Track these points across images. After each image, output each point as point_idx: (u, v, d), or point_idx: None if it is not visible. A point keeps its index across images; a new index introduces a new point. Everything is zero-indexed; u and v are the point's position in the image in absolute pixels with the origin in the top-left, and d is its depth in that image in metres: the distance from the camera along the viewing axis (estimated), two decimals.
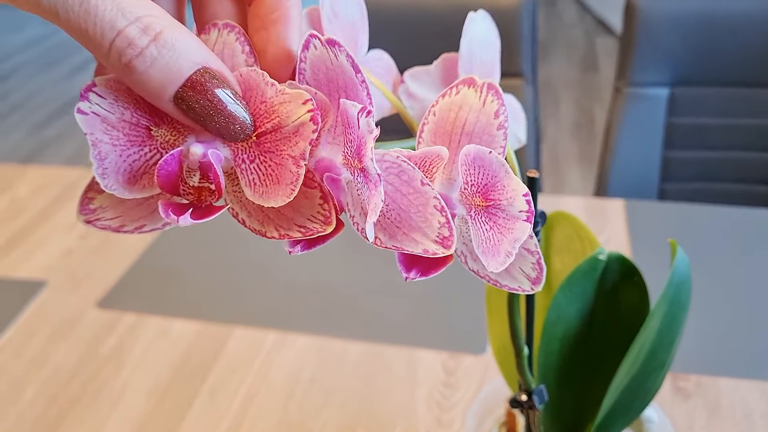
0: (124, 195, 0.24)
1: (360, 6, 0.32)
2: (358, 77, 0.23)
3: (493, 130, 0.25)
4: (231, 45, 0.24)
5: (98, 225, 0.25)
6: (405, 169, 0.24)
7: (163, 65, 0.21)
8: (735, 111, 1.04)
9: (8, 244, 0.88)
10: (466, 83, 0.25)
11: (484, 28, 0.31)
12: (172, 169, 0.23)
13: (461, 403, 0.63)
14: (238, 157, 0.24)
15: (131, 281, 0.81)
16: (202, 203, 0.24)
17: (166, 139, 0.24)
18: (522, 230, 0.24)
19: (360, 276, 0.78)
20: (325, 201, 0.24)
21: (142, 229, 0.25)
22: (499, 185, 0.24)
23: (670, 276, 0.39)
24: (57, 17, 0.21)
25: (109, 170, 0.23)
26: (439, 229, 0.23)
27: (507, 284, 0.27)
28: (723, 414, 0.60)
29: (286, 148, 0.23)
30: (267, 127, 0.23)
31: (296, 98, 0.23)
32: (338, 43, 0.23)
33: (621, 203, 0.88)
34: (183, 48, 0.22)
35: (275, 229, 0.24)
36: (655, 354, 0.41)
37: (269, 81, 0.23)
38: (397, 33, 1.06)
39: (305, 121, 0.22)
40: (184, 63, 0.22)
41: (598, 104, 2.61)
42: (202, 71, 0.22)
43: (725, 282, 0.74)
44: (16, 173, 1.03)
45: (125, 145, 0.23)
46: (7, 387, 0.68)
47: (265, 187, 0.23)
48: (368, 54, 0.33)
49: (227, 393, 0.66)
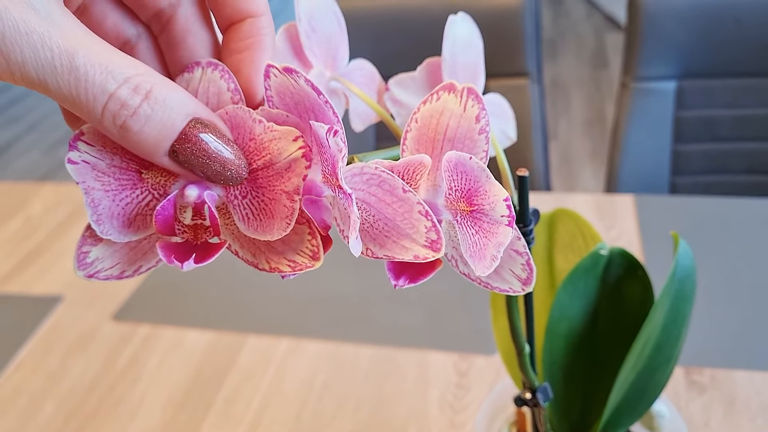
0: (120, 239, 0.24)
1: (338, 19, 0.32)
2: (321, 98, 0.23)
3: (474, 135, 0.25)
4: (216, 83, 0.24)
5: (100, 277, 0.25)
6: (385, 179, 0.24)
7: (158, 122, 0.22)
8: (743, 101, 1.03)
9: (24, 261, 0.89)
10: (446, 89, 0.26)
11: (465, 30, 0.32)
12: (169, 213, 0.23)
13: (473, 405, 0.63)
14: (230, 193, 0.24)
15: (145, 293, 0.81)
16: (198, 240, 0.24)
17: (156, 180, 0.24)
18: (504, 234, 0.24)
19: (370, 281, 0.78)
20: (313, 237, 0.24)
21: (139, 270, 0.25)
22: (481, 190, 0.25)
23: (673, 269, 0.39)
24: (48, 89, 0.21)
25: (104, 216, 0.24)
26: (427, 234, 0.24)
27: (498, 286, 0.27)
28: (739, 407, 0.60)
29: (279, 183, 0.23)
30: (258, 164, 0.23)
31: (286, 135, 0.23)
32: (294, 70, 0.23)
33: (631, 198, 0.87)
34: (173, 102, 0.22)
35: (266, 262, 0.25)
36: (661, 348, 0.40)
37: (257, 118, 0.23)
38: (389, 37, 1.07)
39: (297, 158, 0.23)
40: (177, 117, 0.22)
41: (609, 101, 2.59)
42: (193, 123, 0.22)
43: (738, 274, 0.74)
44: (30, 191, 1.05)
45: (117, 189, 0.24)
46: (27, 403, 0.69)
47: (259, 222, 0.24)
48: (350, 64, 0.33)
49: (242, 402, 0.66)
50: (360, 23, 1.07)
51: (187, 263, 0.23)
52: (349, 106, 0.33)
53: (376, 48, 1.04)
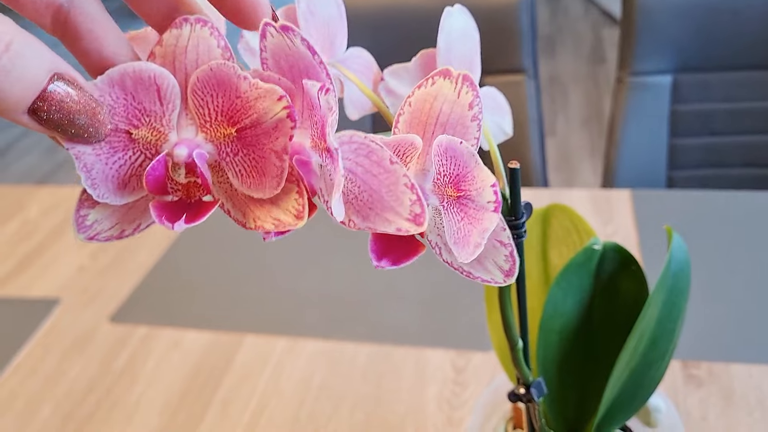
0: (116, 201, 0.24)
1: (338, 5, 0.32)
2: (316, 58, 0.23)
3: (467, 121, 0.25)
4: (206, 40, 0.24)
5: (100, 238, 0.25)
6: (374, 149, 0.24)
7: (18, 77, 0.20)
8: (740, 95, 1.03)
9: (21, 264, 0.89)
10: (442, 74, 0.26)
11: (461, 21, 0.31)
12: (159, 173, 0.23)
13: (471, 401, 0.63)
14: (222, 151, 0.24)
15: (142, 295, 0.81)
16: (191, 199, 0.24)
17: (147, 140, 0.24)
18: (490, 221, 0.24)
19: (365, 279, 0.78)
20: (300, 196, 0.24)
21: (139, 228, 0.25)
22: (470, 176, 0.24)
23: (667, 263, 0.38)
24: None
25: (98, 180, 0.23)
26: (411, 207, 0.24)
27: (480, 276, 0.27)
28: (737, 401, 0.60)
29: (267, 142, 0.23)
30: (246, 123, 0.23)
31: (271, 94, 0.23)
32: (292, 29, 0.23)
33: (627, 193, 0.87)
34: (34, 55, 0.20)
35: (253, 221, 0.25)
36: (656, 343, 0.40)
37: (242, 74, 0.23)
38: (388, 31, 1.07)
39: (282, 118, 0.23)
40: (38, 72, 0.20)
41: (608, 96, 2.59)
42: (55, 78, 0.21)
43: (735, 267, 0.74)
44: (27, 194, 1.05)
45: (108, 152, 0.23)
46: (25, 405, 0.69)
47: (252, 179, 0.24)
48: (347, 51, 0.33)
49: (239, 403, 0.66)
50: (357, 17, 1.07)
51: (177, 223, 0.23)
52: (344, 93, 0.33)
53: (373, 42, 1.04)
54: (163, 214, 0.23)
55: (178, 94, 0.24)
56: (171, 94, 0.23)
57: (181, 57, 0.24)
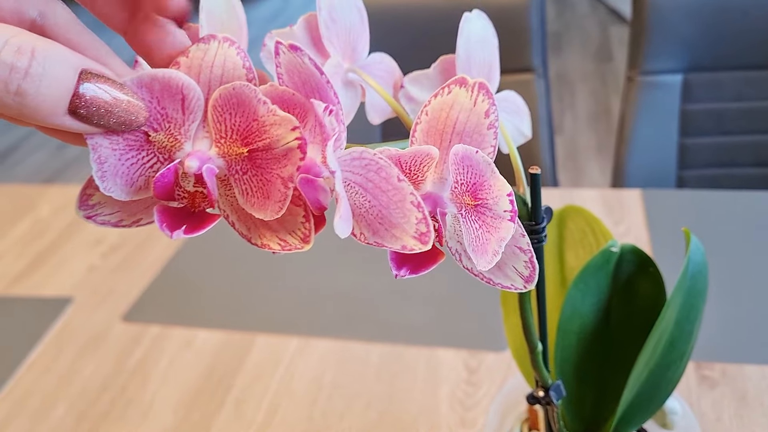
0: (122, 197, 0.25)
1: (359, 11, 0.32)
2: (323, 78, 0.24)
3: (483, 130, 0.25)
4: (233, 59, 0.25)
5: (98, 221, 0.25)
6: (382, 166, 0.24)
7: (53, 79, 0.20)
8: (750, 94, 1.03)
9: (34, 263, 0.89)
10: (458, 83, 0.26)
11: (480, 27, 0.31)
12: (168, 180, 0.24)
13: (484, 401, 0.63)
14: (232, 168, 0.24)
15: (154, 294, 0.82)
16: (195, 208, 0.24)
17: (163, 144, 0.24)
18: (506, 230, 0.24)
19: (378, 279, 0.78)
20: (307, 220, 0.25)
21: (139, 223, 0.26)
22: (486, 185, 0.25)
23: (685, 266, 0.38)
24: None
25: (108, 173, 0.24)
26: (417, 225, 0.24)
27: (500, 282, 0.27)
28: (751, 402, 0.60)
29: (275, 167, 0.24)
30: (259, 145, 0.24)
31: (286, 123, 0.23)
32: (298, 48, 0.23)
33: (638, 193, 0.87)
34: (60, 57, 0.20)
35: (259, 237, 0.25)
36: (675, 345, 0.40)
37: (261, 98, 0.23)
38: (407, 35, 1.07)
39: (293, 147, 0.23)
40: (68, 71, 0.21)
41: (615, 94, 2.58)
42: (85, 75, 0.21)
43: (747, 267, 0.73)
44: (38, 193, 1.05)
45: (124, 149, 0.24)
46: (39, 404, 0.69)
47: (256, 199, 0.24)
48: (369, 57, 0.33)
49: (252, 402, 0.66)
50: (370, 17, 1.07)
51: (177, 232, 0.23)
52: (366, 98, 0.33)
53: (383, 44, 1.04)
54: (165, 221, 0.24)
55: (201, 106, 0.24)
56: (194, 106, 0.24)
57: (206, 71, 0.24)
